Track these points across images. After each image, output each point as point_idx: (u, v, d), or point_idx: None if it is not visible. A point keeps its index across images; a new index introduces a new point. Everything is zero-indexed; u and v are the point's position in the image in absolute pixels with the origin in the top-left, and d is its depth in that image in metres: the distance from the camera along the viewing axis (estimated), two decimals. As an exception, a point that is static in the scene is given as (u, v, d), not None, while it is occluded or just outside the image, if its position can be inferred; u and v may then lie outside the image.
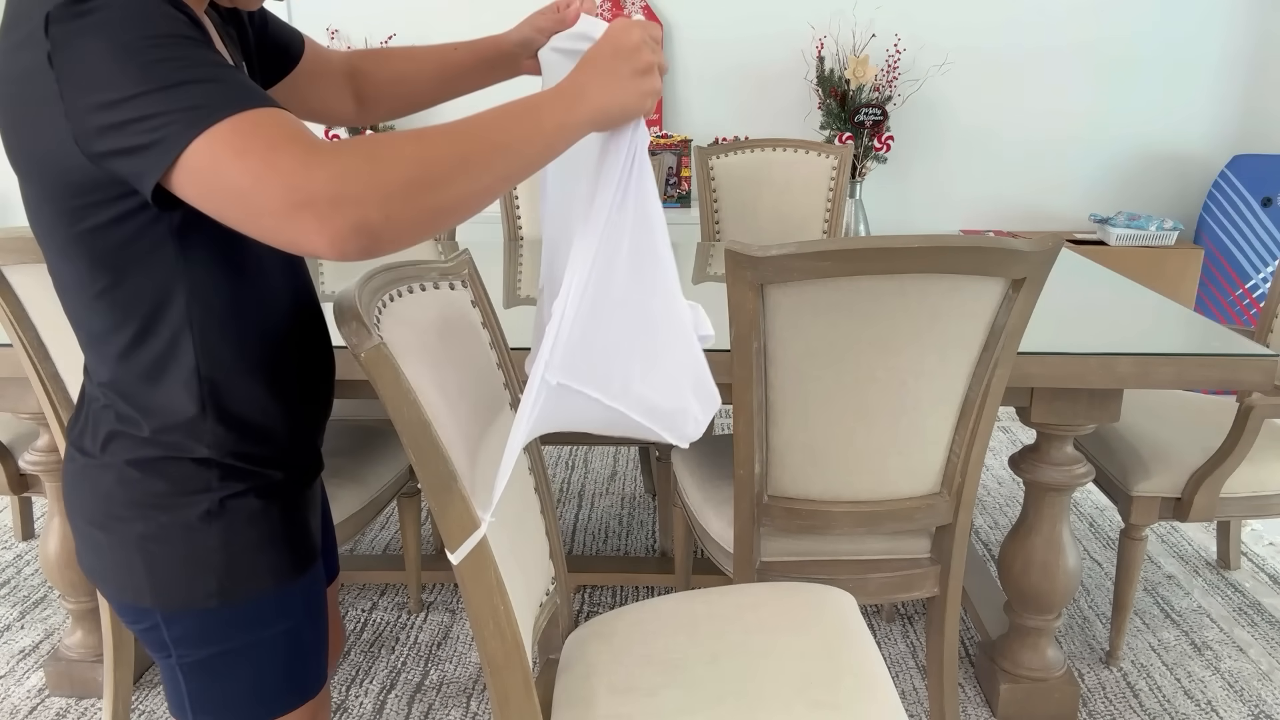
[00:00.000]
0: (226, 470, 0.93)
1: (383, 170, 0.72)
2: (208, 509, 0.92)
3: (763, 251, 1.25)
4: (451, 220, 0.76)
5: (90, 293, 0.86)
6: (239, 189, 0.71)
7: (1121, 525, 1.96)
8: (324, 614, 1.05)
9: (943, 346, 1.36)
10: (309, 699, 1.03)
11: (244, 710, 0.98)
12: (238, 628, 0.95)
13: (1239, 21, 3.47)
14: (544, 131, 0.82)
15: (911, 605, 2.27)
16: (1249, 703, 1.92)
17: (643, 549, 2.54)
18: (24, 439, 2.00)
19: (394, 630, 2.19)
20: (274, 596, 0.96)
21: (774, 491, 1.49)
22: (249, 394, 0.93)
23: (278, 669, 0.99)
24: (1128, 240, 3.39)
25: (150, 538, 0.92)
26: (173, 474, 0.91)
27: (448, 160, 0.75)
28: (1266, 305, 2.07)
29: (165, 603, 0.93)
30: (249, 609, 0.95)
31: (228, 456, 0.92)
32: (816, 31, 3.55)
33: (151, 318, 0.87)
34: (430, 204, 0.74)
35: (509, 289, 2.01)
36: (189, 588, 0.93)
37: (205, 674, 0.96)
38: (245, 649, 0.96)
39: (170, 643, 0.95)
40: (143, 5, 0.75)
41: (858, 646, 1.24)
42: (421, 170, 0.73)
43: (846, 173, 2.70)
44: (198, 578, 0.93)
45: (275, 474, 0.97)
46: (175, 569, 0.92)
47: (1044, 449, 1.71)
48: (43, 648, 2.14)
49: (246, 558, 0.94)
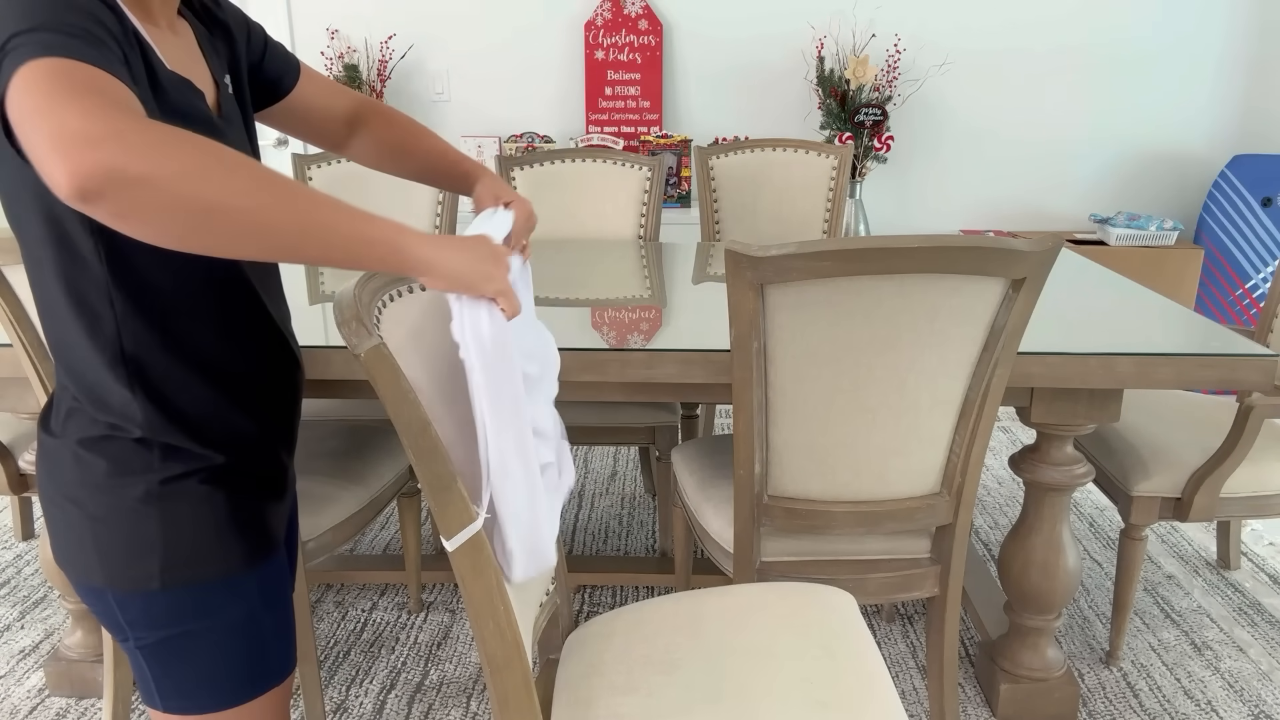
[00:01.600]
0: (166, 451, 0.94)
1: (174, 147, 0.68)
2: (147, 490, 0.93)
3: (763, 251, 1.25)
4: (206, 236, 0.71)
5: (33, 264, 0.90)
6: (35, 112, 0.67)
7: (1121, 525, 1.96)
8: (285, 602, 1.05)
9: (943, 346, 1.36)
10: (273, 686, 1.04)
11: (206, 696, 0.99)
12: (188, 613, 0.96)
13: (1239, 21, 3.47)
14: (356, 228, 0.77)
15: (911, 605, 2.27)
16: (1249, 703, 1.92)
17: (643, 549, 2.54)
18: (24, 439, 2.00)
19: (394, 630, 2.19)
20: (222, 583, 0.97)
21: (774, 491, 1.49)
22: (175, 376, 0.94)
23: (236, 655, 0.99)
24: (1128, 240, 3.39)
25: (98, 518, 0.93)
26: (114, 453, 0.93)
27: (244, 182, 0.71)
28: (1266, 305, 2.07)
29: (114, 582, 0.94)
30: (197, 594, 0.96)
31: (163, 436, 0.93)
32: (816, 31, 3.55)
33: (79, 290, 0.89)
34: (197, 195, 0.68)
35: (509, 289, 2.01)
36: (134, 569, 0.94)
37: (163, 658, 0.97)
38: (199, 634, 0.97)
39: (125, 625, 0.96)
40: None
41: (858, 646, 1.23)
42: (212, 167, 0.69)
43: (846, 173, 2.70)
44: (140, 559, 0.94)
45: (217, 459, 0.97)
46: (120, 549, 0.94)
47: (1044, 449, 1.71)
48: (43, 648, 2.14)
49: (188, 543, 0.95)
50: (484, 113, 3.70)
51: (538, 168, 2.64)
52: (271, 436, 1.04)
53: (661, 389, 1.61)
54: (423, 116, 3.70)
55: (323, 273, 2.15)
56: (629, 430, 2.23)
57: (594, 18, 3.53)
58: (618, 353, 1.54)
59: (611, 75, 3.58)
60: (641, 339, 1.60)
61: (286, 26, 3.61)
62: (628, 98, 3.59)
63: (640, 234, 2.66)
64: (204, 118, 0.95)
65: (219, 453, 0.97)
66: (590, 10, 3.56)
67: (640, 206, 2.64)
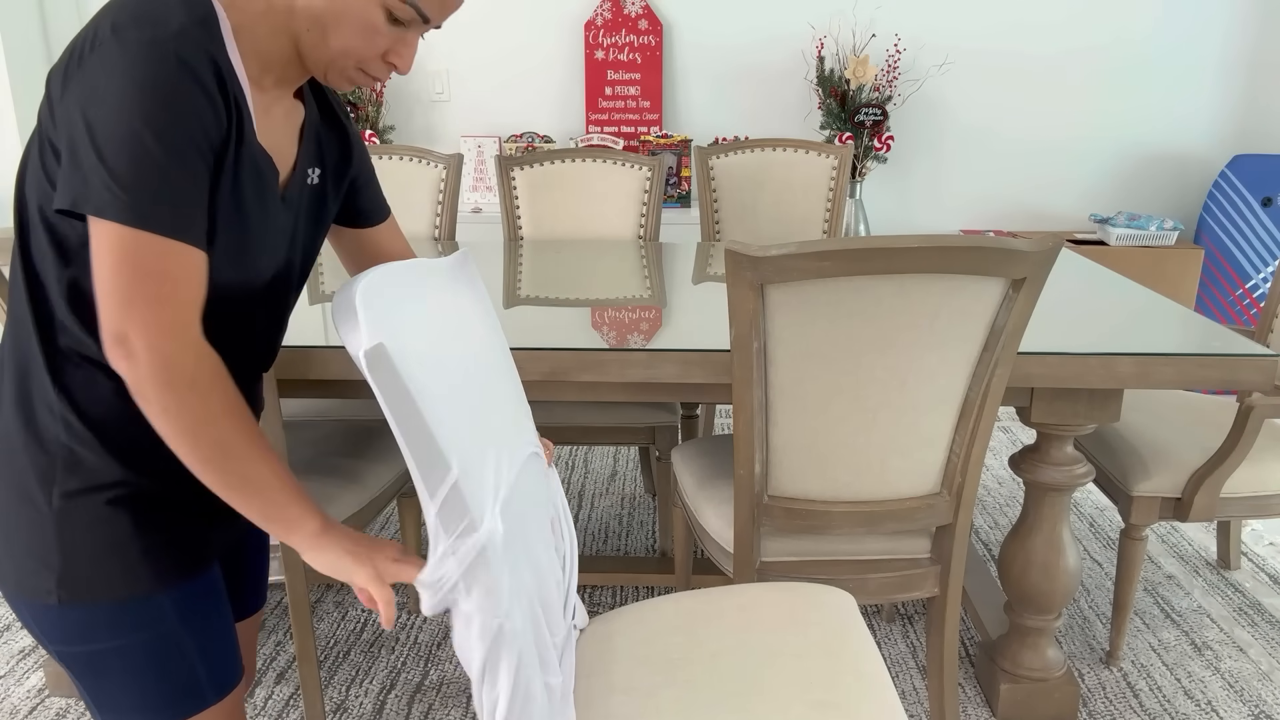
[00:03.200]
0: (69, 464, 0.92)
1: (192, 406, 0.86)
2: (48, 501, 0.91)
3: (763, 251, 1.25)
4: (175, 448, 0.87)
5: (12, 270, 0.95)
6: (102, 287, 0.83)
7: (1121, 525, 1.96)
8: (214, 622, 1.02)
9: (943, 346, 1.36)
10: (206, 706, 1.01)
11: (137, 713, 0.98)
12: (100, 629, 0.94)
13: (1239, 22, 3.47)
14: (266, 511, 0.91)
15: (911, 605, 2.27)
16: (1249, 703, 1.92)
17: (643, 549, 2.54)
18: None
19: (394, 630, 2.19)
20: (129, 604, 0.95)
21: (774, 491, 1.49)
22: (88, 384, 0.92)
23: (157, 676, 0.97)
24: (1128, 240, 3.39)
25: (6, 521, 0.93)
26: (21, 458, 0.92)
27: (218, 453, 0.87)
28: (1266, 305, 2.07)
29: (21, 590, 0.94)
30: (103, 612, 0.94)
31: (75, 445, 0.92)
32: (816, 31, 3.55)
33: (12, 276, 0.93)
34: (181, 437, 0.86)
35: (509, 289, 2.01)
36: (33, 579, 0.93)
37: (87, 671, 0.96)
38: (112, 653, 0.95)
39: (40, 634, 0.95)
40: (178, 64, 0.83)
41: (858, 646, 1.23)
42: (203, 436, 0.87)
43: (846, 173, 2.70)
44: (38, 571, 0.92)
45: (129, 476, 0.94)
46: (22, 557, 0.93)
47: (1044, 449, 1.71)
48: (42, 648, 2.14)
49: (86, 560, 0.93)
50: (484, 113, 3.70)
51: (538, 168, 2.64)
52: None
53: (661, 389, 1.61)
54: (423, 116, 3.71)
55: (323, 273, 2.15)
56: (629, 430, 2.23)
57: (594, 18, 3.53)
58: (618, 353, 1.54)
59: (611, 75, 3.58)
60: (642, 339, 1.60)
61: (286, 26, 3.61)
62: (628, 98, 3.59)
63: (640, 234, 2.66)
64: (265, 194, 0.95)
65: (133, 471, 0.94)
66: (590, 10, 3.56)
67: (640, 206, 2.64)
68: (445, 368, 0.96)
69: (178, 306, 0.84)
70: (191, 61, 0.83)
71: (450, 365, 0.98)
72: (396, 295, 0.94)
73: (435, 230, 2.65)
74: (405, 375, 0.87)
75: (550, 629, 1.09)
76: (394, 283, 0.96)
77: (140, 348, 0.83)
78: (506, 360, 1.19)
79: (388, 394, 0.87)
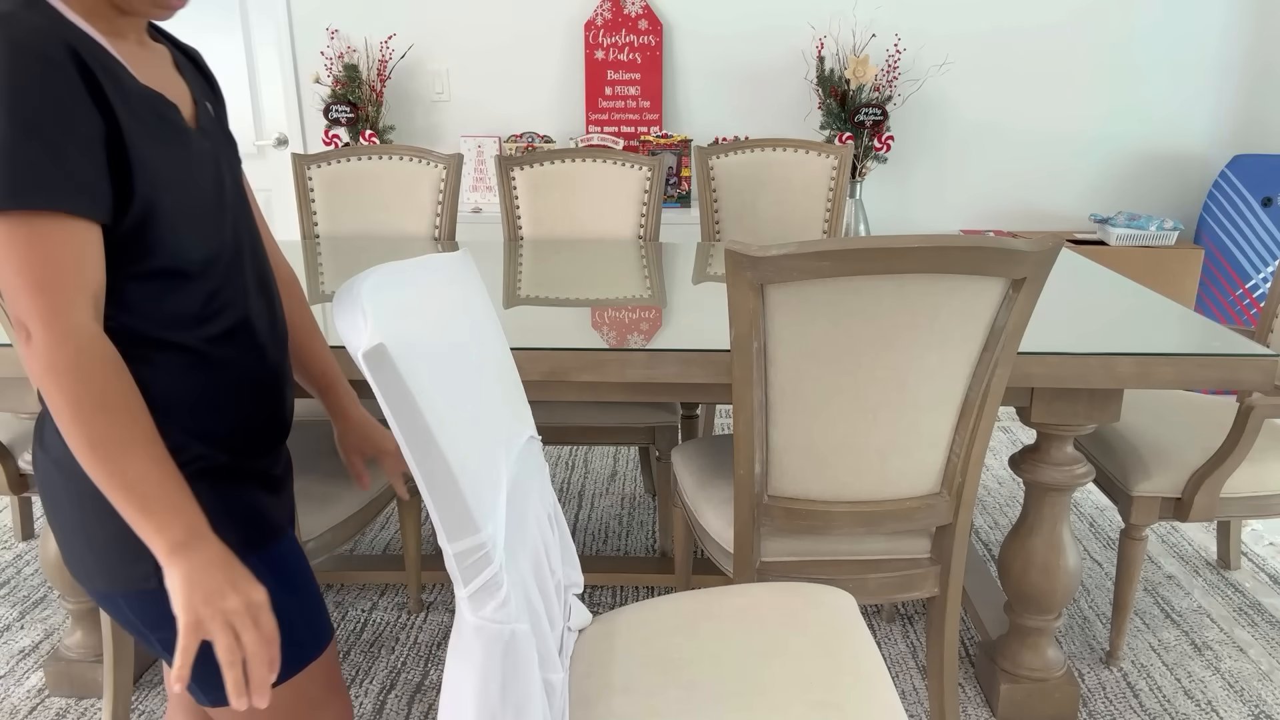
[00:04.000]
0: None
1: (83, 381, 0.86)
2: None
3: (763, 251, 1.25)
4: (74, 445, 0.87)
5: None
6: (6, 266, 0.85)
7: (1121, 525, 1.96)
8: (303, 579, 1.07)
9: (943, 346, 1.36)
10: (308, 662, 1.05)
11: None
12: None
13: (1239, 22, 3.47)
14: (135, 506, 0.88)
15: (911, 605, 2.27)
16: (1249, 703, 1.92)
17: (643, 549, 2.54)
18: (24, 439, 2.00)
19: (394, 630, 2.19)
20: None
21: (774, 491, 1.49)
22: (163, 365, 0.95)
23: None
24: (1128, 240, 3.39)
25: (89, 523, 0.94)
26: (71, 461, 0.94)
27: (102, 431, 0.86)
28: (1266, 305, 2.07)
29: (115, 584, 0.95)
30: None
31: None
32: (816, 31, 3.55)
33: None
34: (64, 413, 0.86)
35: (509, 289, 2.01)
36: (129, 568, 0.94)
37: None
38: None
39: (141, 626, 0.96)
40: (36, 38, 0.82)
41: (858, 646, 1.23)
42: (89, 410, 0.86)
43: (846, 173, 2.70)
44: (135, 559, 0.94)
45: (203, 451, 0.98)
46: (114, 550, 0.94)
47: (1044, 449, 1.71)
48: (43, 648, 2.14)
49: None
50: (484, 112, 3.70)
51: (538, 168, 2.64)
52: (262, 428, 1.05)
53: (661, 389, 1.61)
54: (423, 116, 3.71)
55: (322, 273, 2.15)
56: (629, 430, 2.23)
57: (594, 18, 3.53)
58: (618, 353, 1.54)
59: (611, 75, 3.58)
60: (642, 339, 1.60)
61: (287, 26, 3.61)
62: (628, 98, 3.59)
63: (640, 234, 2.66)
64: (179, 128, 0.96)
65: (205, 446, 0.98)
66: (590, 10, 3.56)
67: (640, 206, 2.64)
68: (445, 367, 0.96)
69: (59, 291, 0.85)
70: (27, 41, 0.82)
71: (450, 364, 0.98)
72: (397, 295, 0.94)
73: (435, 230, 2.65)
74: (406, 375, 0.87)
75: (550, 621, 1.10)
76: (395, 282, 0.96)
77: (35, 331, 0.85)
78: (505, 354, 1.19)
79: (388, 394, 0.87)
